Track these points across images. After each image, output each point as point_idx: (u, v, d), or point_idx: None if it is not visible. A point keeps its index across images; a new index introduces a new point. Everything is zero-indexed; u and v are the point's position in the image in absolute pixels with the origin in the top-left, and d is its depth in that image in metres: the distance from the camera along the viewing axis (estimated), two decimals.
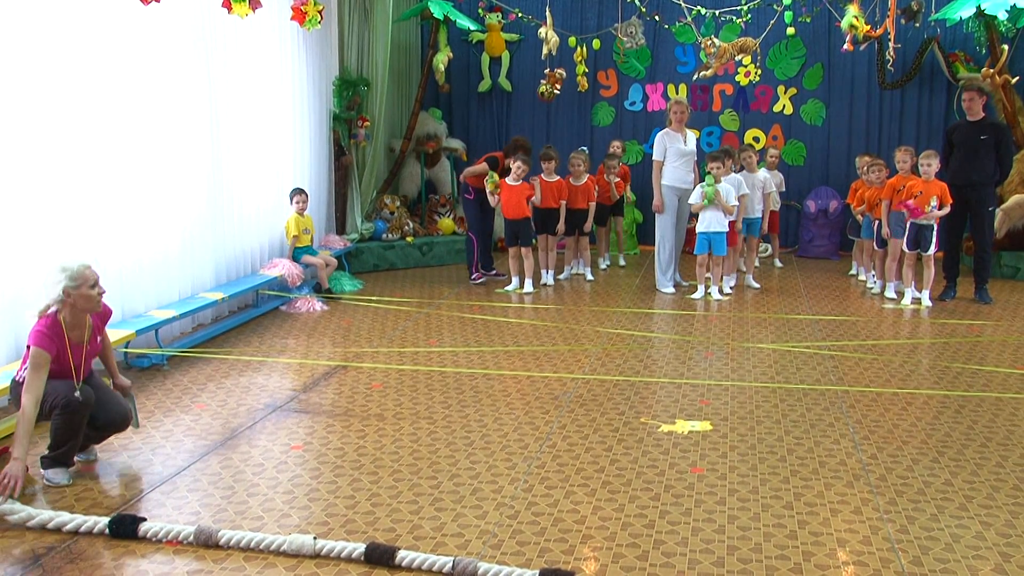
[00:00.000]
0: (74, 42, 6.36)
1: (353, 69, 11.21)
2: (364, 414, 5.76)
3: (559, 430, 5.45)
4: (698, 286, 9.56)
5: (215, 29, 8.18)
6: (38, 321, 4.60)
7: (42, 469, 4.68)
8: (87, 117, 6.53)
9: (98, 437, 4.97)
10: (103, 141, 6.72)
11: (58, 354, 4.57)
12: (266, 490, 4.56)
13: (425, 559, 3.72)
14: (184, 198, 7.79)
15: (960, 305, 9.20)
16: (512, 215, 9.80)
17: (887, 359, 7.12)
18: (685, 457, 5.03)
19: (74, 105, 6.38)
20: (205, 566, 3.77)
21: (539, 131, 13.37)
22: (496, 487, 4.59)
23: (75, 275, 4.58)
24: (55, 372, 4.57)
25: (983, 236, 9.37)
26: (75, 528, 4.08)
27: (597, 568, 3.77)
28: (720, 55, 10.86)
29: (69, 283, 4.56)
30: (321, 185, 10.74)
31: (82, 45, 6.44)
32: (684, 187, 9.77)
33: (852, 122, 12.70)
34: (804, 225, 12.62)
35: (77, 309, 4.64)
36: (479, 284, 10.20)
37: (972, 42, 11.72)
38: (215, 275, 8.35)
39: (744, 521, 4.21)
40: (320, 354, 7.26)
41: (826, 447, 5.18)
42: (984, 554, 3.88)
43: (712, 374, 6.71)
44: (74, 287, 4.57)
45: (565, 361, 7.06)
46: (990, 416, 5.74)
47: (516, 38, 13.21)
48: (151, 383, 6.41)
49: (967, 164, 9.26)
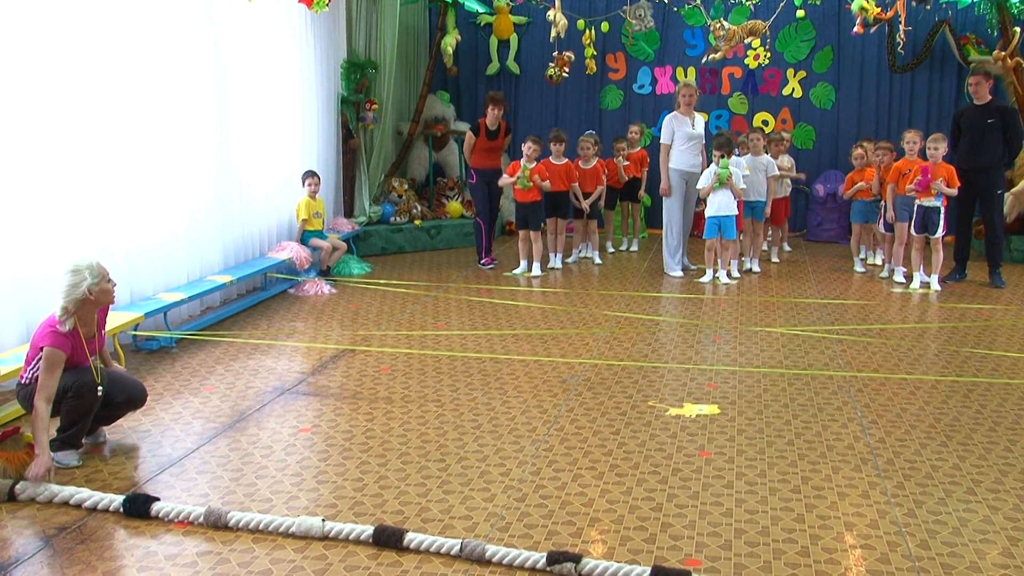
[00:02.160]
0: (83, 26, 6.35)
1: (361, 52, 11.18)
2: (372, 397, 5.78)
3: (567, 413, 5.46)
4: (706, 270, 9.54)
5: (223, 12, 8.17)
6: (47, 321, 4.61)
7: (51, 451, 4.71)
8: (96, 102, 6.53)
9: (112, 416, 5.00)
10: (111, 125, 6.72)
11: (73, 351, 4.60)
12: (275, 472, 4.58)
13: (433, 541, 3.74)
14: (192, 181, 7.80)
15: (969, 289, 9.17)
16: (523, 198, 9.80)
17: (895, 343, 7.10)
18: (693, 440, 5.03)
19: (83, 89, 6.38)
20: (214, 547, 3.79)
21: (547, 114, 13.34)
22: (504, 470, 4.60)
23: (95, 272, 4.63)
24: (68, 366, 4.59)
25: (993, 220, 9.33)
26: (93, 505, 4.13)
27: (604, 551, 3.78)
28: (729, 38, 10.79)
29: (92, 280, 4.60)
30: (329, 168, 10.73)
31: (91, 29, 6.44)
32: (692, 170, 9.74)
33: (862, 105, 12.63)
34: (813, 209, 12.57)
35: (94, 304, 4.68)
36: (489, 269, 10.17)
37: (984, 24, 11.61)
38: (223, 258, 8.36)
39: (751, 504, 4.21)
40: (328, 337, 7.28)
41: (834, 431, 5.18)
42: (992, 538, 3.88)
43: (720, 358, 6.71)
44: (95, 284, 4.62)
45: (573, 345, 7.06)
46: (999, 400, 5.72)
47: (524, 21, 13.16)
48: (160, 365, 6.43)
49: (974, 148, 9.23)
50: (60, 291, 4.58)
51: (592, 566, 3.53)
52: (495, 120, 10.05)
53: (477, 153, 10.13)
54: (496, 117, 10.04)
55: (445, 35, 12.43)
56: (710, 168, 9.50)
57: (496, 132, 10.12)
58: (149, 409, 5.42)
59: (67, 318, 4.56)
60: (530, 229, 9.82)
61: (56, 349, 4.50)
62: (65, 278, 4.59)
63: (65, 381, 4.53)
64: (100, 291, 4.65)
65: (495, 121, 10.06)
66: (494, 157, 10.22)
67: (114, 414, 4.99)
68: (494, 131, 10.10)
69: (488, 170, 10.17)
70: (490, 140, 10.09)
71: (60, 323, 4.55)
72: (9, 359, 5.31)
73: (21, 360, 5.27)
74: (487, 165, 10.16)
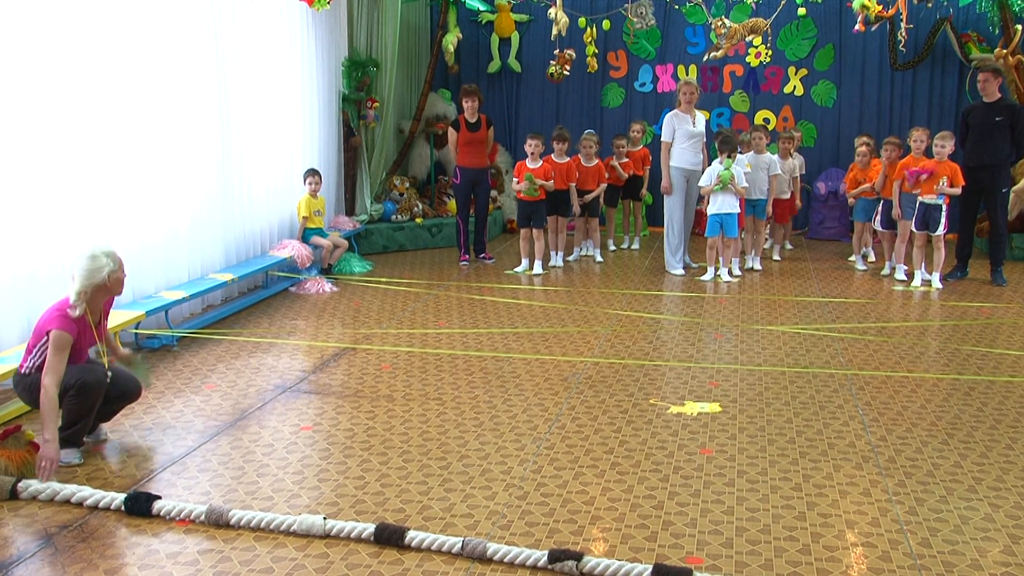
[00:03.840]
0: (86, 23, 6.35)
1: (362, 50, 11.18)
2: (374, 395, 5.78)
3: (568, 411, 5.46)
4: (708, 268, 9.54)
5: (225, 10, 8.16)
6: (56, 306, 4.62)
7: None
8: (97, 100, 6.53)
9: (110, 412, 5.00)
10: (113, 123, 6.72)
11: (79, 337, 4.61)
12: (276, 470, 4.58)
13: (435, 539, 3.74)
14: (194, 179, 7.80)
15: (971, 287, 9.17)
16: (525, 196, 9.80)
17: (897, 341, 7.10)
18: (694, 438, 5.03)
19: (84, 88, 6.38)
20: (216, 546, 3.80)
21: (548, 112, 13.35)
22: (505, 468, 4.60)
23: (114, 259, 4.68)
24: (71, 358, 4.59)
25: (997, 217, 9.33)
26: (94, 503, 4.13)
27: (606, 549, 3.78)
28: (731, 36, 10.78)
29: (112, 267, 4.65)
30: (331, 166, 10.73)
31: (94, 26, 6.44)
32: (693, 168, 9.74)
33: (863, 103, 12.62)
34: (814, 207, 12.56)
35: (107, 292, 4.72)
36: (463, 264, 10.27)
37: (985, 22, 11.60)
38: (225, 256, 8.37)
39: (753, 502, 4.21)
40: (330, 335, 7.28)
41: (835, 429, 5.18)
42: (993, 536, 3.88)
43: (721, 356, 6.71)
44: (115, 271, 4.67)
45: (574, 343, 7.06)
46: (1000, 398, 5.72)
47: (526, 19, 13.15)
48: (161, 363, 6.44)
49: (981, 146, 9.22)
50: (78, 275, 4.60)
51: (593, 564, 3.53)
52: (473, 112, 10.17)
53: (461, 148, 10.23)
54: (472, 109, 10.16)
55: (446, 33, 12.43)
56: (712, 166, 9.49)
57: (477, 124, 10.22)
58: (150, 407, 5.42)
59: (80, 303, 4.58)
60: (532, 227, 9.83)
61: (64, 332, 4.51)
62: (84, 262, 4.61)
63: (67, 379, 4.53)
64: (116, 280, 4.71)
65: (473, 113, 10.18)
66: (479, 153, 10.28)
67: (110, 409, 4.98)
68: (474, 123, 10.22)
69: (473, 169, 10.26)
70: (471, 132, 10.20)
71: (72, 308, 4.57)
72: (10, 357, 5.31)
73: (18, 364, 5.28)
74: (472, 163, 10.25)
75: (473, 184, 10.29)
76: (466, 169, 10.24)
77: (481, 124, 10.24)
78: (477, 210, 10.48)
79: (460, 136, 10.19)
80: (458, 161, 10.31)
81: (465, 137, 10.18)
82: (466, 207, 10.41)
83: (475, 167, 10.27)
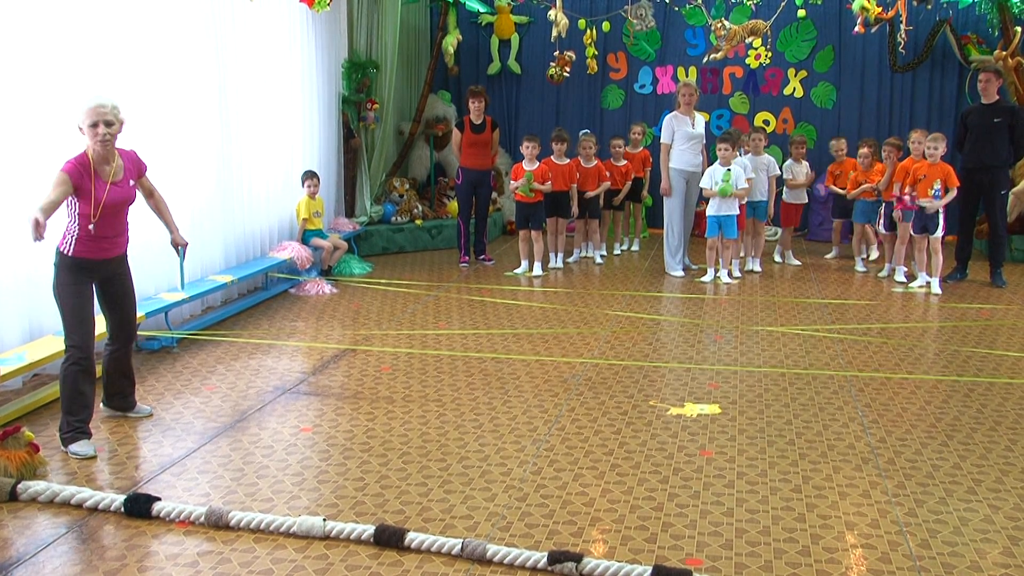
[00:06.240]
0: (86, 24, 6.35)
1: (362, 51, 11.18)
2: (373, 397, 5.78)
3: (568, 413, 5.46)
4: (707, 269, 9.54)
5: (224, 12, 8.16)
6: None
7: (64, 446, 4.73)
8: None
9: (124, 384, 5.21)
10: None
11: (81, 183, 4.67)
12: (276, 472, 4.58)
13: (434, 541, 3.74)
14: (193, 181, 7.79)
15: (970, 289, 9.17)
16: (524, 198, 9.80)
17: (896, 343, 7.10)
18: (694, 440, 5.03)
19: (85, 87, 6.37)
20: (215, 547, 3.80)
21: (548, 114, 13.34)
22: (505, 469, 4.60)
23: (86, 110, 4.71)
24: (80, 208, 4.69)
25: (996, 219, 9.33)
26: (94, 505, 4.13)
27: (605, 550, 3.78)
28: (730, 37, 10.78)
29: (82, 120, 4.71)
30: (330, 168, 10.73)
31: (94, 27, 6.44)
32: (692, 170, 9.74)
33: (863, 105, 12.61)
34: (813, 209, 12.53)
35: (93, 133, 4.73)
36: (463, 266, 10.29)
37: (984, 24, 11.60)
38: (224, 258, 8.36)
39: (753, 504, 4.21)
40: (329, 337, 7.28)
41: (835, 430, 5.18)
42: (992, 537, 3.88)
43: (721, 357, 6.71)
44: (82, 123, 4.71)
45: (574, 344, 7.06)
46: (999, 400, 5.72)
47: (526, 20, 13.15)
48: (161, 365, 6.44)
49: (980, 147, 9.22)
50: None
51: (593, 566, 3.54)
52: (478, 113, 10.18)
53: (465, 149, 10.24)
54: (479, 110, 10.17)
55: (446, 35, 12.43)
56: (712, 168, 9.49)
57: (482, 126, 10.23)
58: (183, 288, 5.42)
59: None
60: (531, 229, 9.83)
61: (65, 174, 4.62)
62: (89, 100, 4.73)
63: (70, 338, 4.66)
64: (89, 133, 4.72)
65: (479, 114, 10.19)
66: (482, 155, 10.28)
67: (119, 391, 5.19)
68: (479, 124, 10.23)
69: (475, 171, 10.26)
70: (476, 134, 10.21)
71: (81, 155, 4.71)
72: (11, 359, 5.31)
73: (22, 359, 5.31)
74: (475, 165, 10.25)
75: (475, 185, 10.30)
76: (469, 170, 10.25)
77: (486, 126, 10.25)
78: (478, 212, 10.50)
79: (464, 137, 10.20)
80: (461, 162, 10.32)
81: (469, 138, 10.19)
82: (467, 208, 10.42)
83: (478, 168, 10.27)
